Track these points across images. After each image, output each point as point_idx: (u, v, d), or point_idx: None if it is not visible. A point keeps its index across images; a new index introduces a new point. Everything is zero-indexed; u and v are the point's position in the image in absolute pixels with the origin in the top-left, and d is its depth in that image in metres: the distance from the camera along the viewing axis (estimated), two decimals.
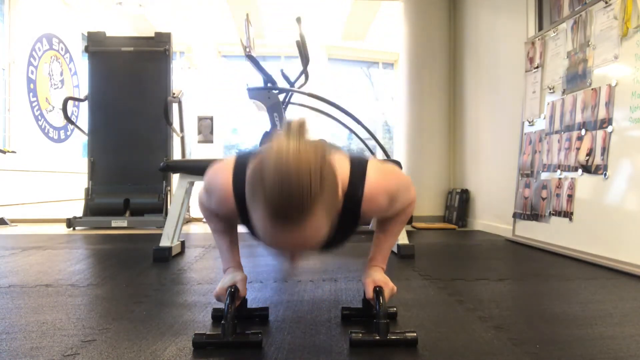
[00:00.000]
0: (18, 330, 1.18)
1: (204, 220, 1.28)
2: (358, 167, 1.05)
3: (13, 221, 4.18)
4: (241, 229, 1.32)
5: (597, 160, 2.23)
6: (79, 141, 6.99)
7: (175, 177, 2.52)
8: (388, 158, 2.79)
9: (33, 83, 6.05)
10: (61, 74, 6.76)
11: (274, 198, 0.81)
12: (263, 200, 0.83)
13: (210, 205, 1.18)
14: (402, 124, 4.44)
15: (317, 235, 0.87)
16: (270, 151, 0.84)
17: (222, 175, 1.08)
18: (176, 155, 4.40)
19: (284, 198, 0.81)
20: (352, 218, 1.06)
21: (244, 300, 1.29)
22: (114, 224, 3.78)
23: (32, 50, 6.01)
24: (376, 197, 1.05)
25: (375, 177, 1.05)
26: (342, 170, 1.02)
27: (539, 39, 2.88)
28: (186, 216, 4.21)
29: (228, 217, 1.20)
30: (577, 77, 2.46)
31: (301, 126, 0.87)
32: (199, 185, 2.48)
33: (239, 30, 7.13)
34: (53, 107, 6.47)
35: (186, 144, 4.47)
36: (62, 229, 3.78)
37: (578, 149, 2.39)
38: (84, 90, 5.31)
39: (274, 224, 0.84)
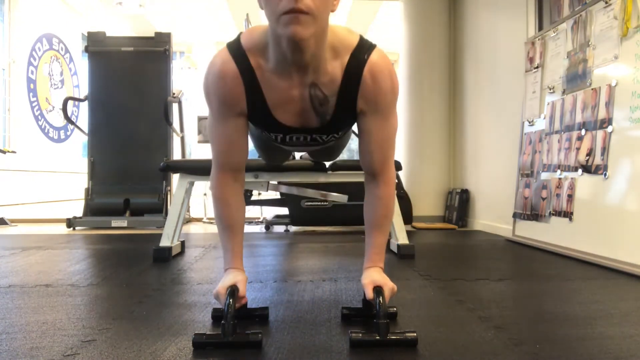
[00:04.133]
0: (18, 330, 1.18)
1: (205, 220, 1.28)
2: (367, 40, 1.16)
3: (13, 221, 4.18)
4: (245, 229, 1.32)
5: (597, 160, 2.23)
6: (79, 141, 6.98)
7: (175, 177, 2.52)
8: None
9: (33, 83, 6.05)
10: (61, 74, 6.76)
11: None
12: None
13: (212, 98, 1.18)
14: (402, 124, 4.43)
15: None
16: None
17: (219, 57, 1.15)
18: (176, 155, 4.40)
19: None
20: (353, 86, 1.12)
21: None
22: (114, 224, 3.78)
23: (32, 50, 6.01)
24: (378, 69, 1.13)
25: (381, 54, 1.15)
26: (352, 33, 1.15)
27: (539, 39, 2.88)
28: (186, 216, 4.21)
29: (233, 106, 1.17)
30: (577, 77, 2.46)
31: None
32: (199, 185, 2.49)
33: (239, 30, 7.13)
34: (53, 107, 6.47)
35: (186, 144, 4.46)
36: (62, 229, 3.78)
37: (578, 149, 2.39)
38: (84, 90, 5.31)
39: None
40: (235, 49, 1.13)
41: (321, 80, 1.12)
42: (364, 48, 1.14)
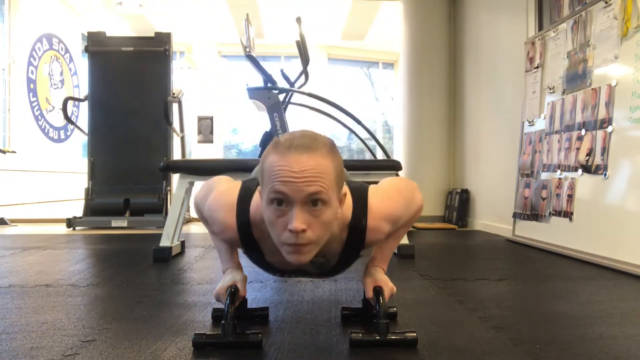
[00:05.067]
0: (18, 330, 1.18)
1: None
2: (359, 198, 1.06)
3: (13, 221, 4.18)
4: None
5: (597, 160, 2.23)
6: (79, 141, 6.98)
7: (175, 177, 2.52)
8: (388, 158, 2.79)
9: (33, 83, 6.05)
10: (61, 74, 6.76)
11: (288, 136, 0.92)
12: (276, 144, 0.91)
13: (210, 227, 1.19)
14: (402, 124, 4.43)
15: (326, 175, 0.89)
16: None
17: (225, 209, 1.08)
18: (176, 155, 4.40)
19: (298, 134, 0.92)
20: (356, 247, 1.09)
21: (244, 300, 1.29)
22: (114, 224, 3.78)
23: (32, 50, 6.01)
24: (380, 226, 1.07)
25: (378, 207, 1.06)
26: (343, 205, 1.03)
27: (539, 39, 2.88)
28: (186, 216, 4.21)
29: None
30: (577, 77, 2.46)
31: None
32: (199, 185, 2.49)
33: (239, 30, 7.13)
34: (53, 107, 6.47)
35: (186, 144, 4.47)
36: (62, 229, 3.78)
37: (578, 149, 2.39)
38: (84, 90, 5.31)
39: (285, 151, 0.89)
40: (242, 215, 1.06)
41: (321, 252, 1.04)
42: (359, 215, 1.05)
